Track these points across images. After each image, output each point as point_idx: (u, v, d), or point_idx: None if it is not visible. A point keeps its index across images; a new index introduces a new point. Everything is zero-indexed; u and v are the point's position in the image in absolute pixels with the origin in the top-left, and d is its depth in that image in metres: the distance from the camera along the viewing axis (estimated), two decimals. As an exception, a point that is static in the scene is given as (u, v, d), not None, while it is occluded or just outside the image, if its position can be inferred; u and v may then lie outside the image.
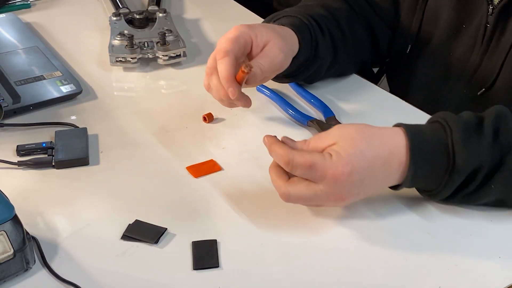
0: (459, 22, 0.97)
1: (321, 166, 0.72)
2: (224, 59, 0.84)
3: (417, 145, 0.74)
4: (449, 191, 0.76)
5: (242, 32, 0.86)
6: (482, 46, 0.94)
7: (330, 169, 0.72)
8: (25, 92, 1.03)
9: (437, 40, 1.01)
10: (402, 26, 1.06)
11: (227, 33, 0.87)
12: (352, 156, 0.72)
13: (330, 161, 0.72)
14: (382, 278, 0.72)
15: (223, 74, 0.84)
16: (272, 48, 0.87)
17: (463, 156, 0.73)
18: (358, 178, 0.73)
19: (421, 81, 1.06)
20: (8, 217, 0.69)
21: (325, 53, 0.98)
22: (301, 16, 0.97)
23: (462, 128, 0.74)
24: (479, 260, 0.74)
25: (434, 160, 0.74)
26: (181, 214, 0.81)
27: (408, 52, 1.06)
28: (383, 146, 0.74)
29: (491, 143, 0.74)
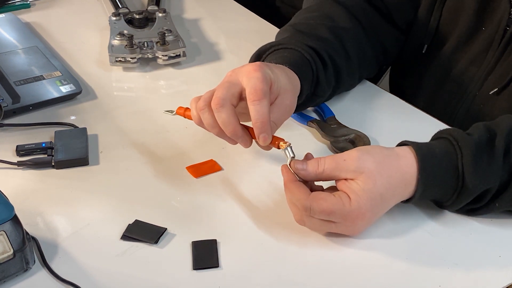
0: (479, 23, 0.96)
1: (340, 213, 0.73)
2: (263, 102, 0.76)
3: (427, 168, 0.74)
4: (455, 208, 0.78)
5: (266, 74, 0.78)
6: (498, 49, 0.94)
7: (350, 216, 0.73)
8: (25, 92, 1.03)
9: (454, 41, 1.00)
10: (418, 25, 1.05)
11: (249, 70, 0.78)
12: (371, 200, 0.73)
13: (349, 207, 0.72)
14: (382, 278, 0.72)
15: (262, 118, 0.76)
16: (284, 100, 0.81)
17: (473, 180, 0.73)
18: (373, 215, 0.75)
19: (433, 81, 1.05)
20: (8, 217, 0.69)
21: (324, 91, 0.95)
22: (302, 50, 0.91)
23: (473, 151, 0.74)
24: (479, 260, 0.74)
25: (443, 182, 0.75)
26: (181, 214, 0.81)
27: (424, 51, 1.05)
28: (396, 174, 0.74)
29: (501, 164, 0.74)
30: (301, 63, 0.90)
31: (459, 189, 0.75)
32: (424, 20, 1.03)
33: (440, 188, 0.75)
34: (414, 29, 1.06)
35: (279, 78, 0.81)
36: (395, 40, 1.07)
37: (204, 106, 0.79)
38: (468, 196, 0.75)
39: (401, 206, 0.81)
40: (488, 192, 0.75)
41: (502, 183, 0.74)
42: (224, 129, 0.78)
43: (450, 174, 0.74)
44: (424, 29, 1.03)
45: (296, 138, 0.84)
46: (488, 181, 0.74)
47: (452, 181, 0.75)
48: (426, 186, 0.75)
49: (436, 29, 1.02)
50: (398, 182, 0.74)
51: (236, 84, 0.78)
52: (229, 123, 0.77)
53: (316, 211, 0.73)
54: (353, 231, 0.75)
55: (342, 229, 0.75)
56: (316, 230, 0.77)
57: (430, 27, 1.02)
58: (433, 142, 0.77)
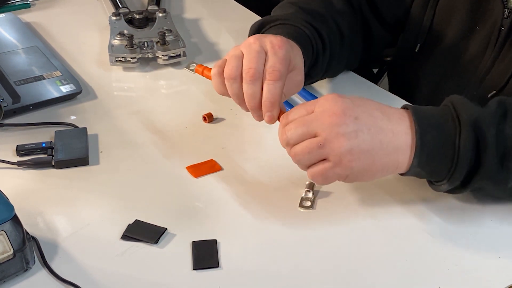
0: (473, 23, 0.96)
1: (312, 101, 0.75)
2: (277, 83, 0.78)
3: (418, 109, 0.75)
4: (467, 156, 0.73)
5: (288, 52, 0.80)
6: (494, 49, 0.94)
7: (322, 97, 0.75)
8: (25, 92, 1.03)
9: (448, 40, 1.00)
10: (412, 24, 1.05)
11: (275, 44, 0.80)
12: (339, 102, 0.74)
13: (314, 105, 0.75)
14: (382, 278, 0.72)
15: (273, 98, 0.78)
16: (297, 76, 0.84)
17: (465, 111, 0.73)
18: (350, 100, 0.74)
19: (429, 81, 1.05)
20: (8, 217, 0.69)
21: (317, 73, 0.96)
22: (306, 30, 0.92)
23: (462, 97, 0.76)
24: (479, 260, 0.74)
25: (439, 122, 0.74)
26: (181, 214, 0.81)
27: (417, 50, 1.05)
28: (378, 102, 0.76)
29: (495, 111, 0.74)
30: (304, 42, 0.91)
31: (458, 126, 0.73)
32: (418, 18, 1.03)
33: (438, 128, 0.74)
34: (408, 28, 1.06)
35: (296, 55, 0.83)
36: (381, 34, 1.08)
37: (235, 76, 0.79)
38: (468, 131, 0.72)
39: (401, 207, 0.81)
40: (483, 123, 0.73)
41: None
42: (248, 102, 0.79)
43: (444, 115, 0.75)
44: (417, 27, 1.04)
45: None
46: (483, 114, 0.74)
47: (448, 121, 0.74)
48: (421, 123, 0.73)
49: (429, 28, 1.02)
50: (382, 106, 0.76)
51: (263, 54, 0.79)
52: (254, 97, 0.79)
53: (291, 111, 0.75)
54: (334, 113, 0.73)
55: (323, 116, 0.73)
56: (298, 126, 0.75)
57: (423, 26, 1.03)
58: None
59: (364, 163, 0.73)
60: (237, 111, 1.00)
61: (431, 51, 1.03)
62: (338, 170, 0.74)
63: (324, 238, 0.77)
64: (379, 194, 0.83)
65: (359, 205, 0.82)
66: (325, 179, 0.75)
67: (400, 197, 0.82)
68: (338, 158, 0.73)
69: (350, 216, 0.80)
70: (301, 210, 0.81)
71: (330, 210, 0.81)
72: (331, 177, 0.75)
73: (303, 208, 0.81)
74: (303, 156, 0.75)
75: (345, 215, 0.80)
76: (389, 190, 0.83)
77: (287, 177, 0.86)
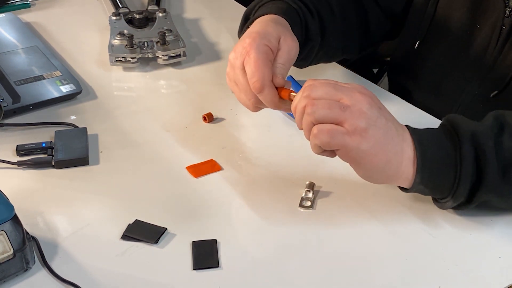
0: (473, 21, 0.96)
1: (342, 84, 0.75)
2: (264, 91, 0.81)
3: (416, 129, 0.76)
4: (469, 171, 0.73)
5: (260, 46, 0.83)
6: (496, 48, 0.94)
7: (351, 84, 0.75)
8: (25, 92, 1.03)
9: (448, 38, 1.00)
10: (411, 21, 1.05)
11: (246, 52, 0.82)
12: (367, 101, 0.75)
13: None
14: (382, 278, 0.72)
15: (268, 103, 0.82)
16: (285, 43, 0.85)
17: (461, 125, 0.75)
18: (375, 103, 0.74)
19: (429, 81, 1.05)
20: (8, 217, 0.69)
21: (315, 35, 0.97)
22: (289, 1, 0.95)
23: (459, 115, 0.77)
24: (479, 260, 0.74)
25: (438, 138, 0.75)
26: (181, 214, 0.81)
27: (416, 48, 1.05)
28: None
29: (493, 125, 0.75)
30: (287, 11, 0.93)
31: (457, 142, 0.74)
32: (418, 15, 1.03)
33: (437, 144, 0.75)
34: (408, 24, 1.06)
35: (272, 32, 0.85)
36: (378, 21, 1.07)
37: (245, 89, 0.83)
38: (468, 146, 0.73)
39: (401, 207, 0.81)
40: (481, 137, 0.74)
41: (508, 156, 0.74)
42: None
43: (442, 132, 0.76)
44: (417, 24, 1.04)
45: (296, 137, 0.84)
46: (480, 125, 0.75)
47: (447, 137, 0.75)
48: (420, 140, 0.74)
49: (429, 25, 1.02)
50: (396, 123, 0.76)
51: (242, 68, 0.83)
52: (271, 102, 0.82)
53: (317, 83, 0.75)
54: (361, 91, 0.74)
55: (351, 90, 0.74)
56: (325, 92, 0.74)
57: (423, 23, 1.02)
58: None
59: (371, 147, 0.73)
60: (237, 111, 1.00)
61: (431, 49, 1.03)
62: (346, 138, 0.72)
63: (324, 238, 0.77)
64: (379, 194, 0.83)
65: (359, 205, 0.82)
66: (330, 138, 0.72)
67: (400, 197, 0.82)
68: (353, 128, 0.72)
69: (350, 216, 0.80)
70: (301, 210, 0.81)
71: (330, 210, 0.81)
72: (337, 140, 0.72)
73: (303, 208, 0.81)
74: (322, 108, 0.73)
75: (345, 215, 0.80)
76: (389, 190, 0.83)
77: (287, 177, 0.86)
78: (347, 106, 0.72)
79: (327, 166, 0.87)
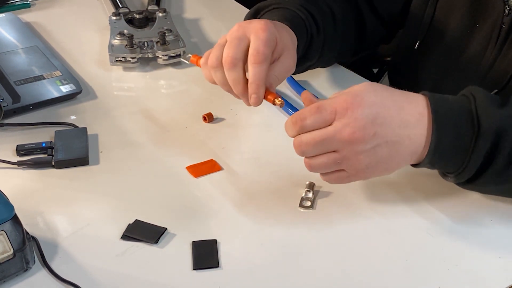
0: (473, 21, 0.96)
1: (329, 103, 0.73)
2: (262, 66, 0.79)
3: (439, 106, 0.74)
4: (478, 161, 0.73)
5: (272, 34, 0.82)
6: (495, 47, 0.94)
7: (339, 103, 0.72)
8: (25, 92, 1.03)
9: (448, 38, 1.00)
10: (411, 21, 1.05)
11: (258, 28, 0.81)
12: (362, 92, 0.73)
13: (338, 97, 0.73)
14: (382, 278, 0.72)
15: (258, 81, 0.79)
16: (287, 59, 0.85)
17: (487, 118, 0.72)
18: (369, 111, 0.72)
19: (429, 80, 1.05)
20: (8, 217, 0.69)
21: (314, 55, 0.97)
22: (299, 12, 0.94)
23: (486, 95, 0.75)
24: (479, 261, 0.74)
25: (458, 125, 0.73)
26: (181, 214, 0.81)
27: (416, 48, 1.05)
28: (400, 94, 0.75)
29: None
30: (298, 24, 0.92)
31: (476, 133, 0.72)
32: (418, 15, 1.03)
33: (456, 132, 0.73)
34: (408, 25, 1.06)
35: (283, 37, 0.84)
36: (374, 29, 1.07)
37: (216, 64, 0.82)
38: (485, 138, 0.72)
39: (401, 206, 0.81)
40: (504, 135, 0.72)
41: None
42: (233, 88, 0.81)
43: (464, 117, 0.73)
44: (417, 24, 1.04)
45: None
46: (504, 118, 0.72)
47: (468, 126, 0.73)
48: (440, 130, 0.72)
49: (429, 25, 1.02)
50: (402, 99, 0.74)
51: (244, 40, 0.81)
52: (238, 83, 0.81)
53: (304, 111, 0.73)
54: (353, 130, 0.71)
55: (341, 131, 0.72)
56: (312, 144, 0.73)
57: (423, 23, 1.02)
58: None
59: (379, 170, 0.76)
60: (237, 111, 1.00)
61: (431, 49, 1.03)
62: (353, 178, 0.77)
63: (324, 238, 0.77)
64: (379, 194, 0.83)
65: (359, 205, 0.82)
66: (339, 181, 0.78)
67: (400, 198, 0.82)
68: (355, 172, 0.75)
69: (350, 216, 0.80)
70: (301, 210, 0.81)
71: (330, 210, 0.81)
72: (345, 181, 0.77)
73: (303, 208, 0.81)
74: (319, 169, 0.76)
75: (345, 215, 0.80)
76: (389, 191, 0.83)
77: (287, 177, 0.86)
78: (342, 158, 0.73)
79: (327, 166, 0.87)
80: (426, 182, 0.84)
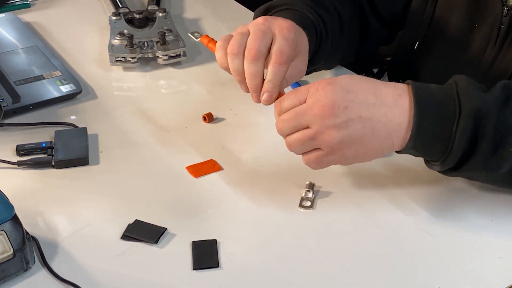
0: (472, 21, 0.96)
1: (305, 86, 0.76)
2: (283, 67, 0.80)
3: (421, 91, 0.75)
4: (462, 144, 0.73)
5: (296, 36, 0.82)
6: (495, 47, 0.94)
7: (313, 85, 0.75)
8: (25, 92, 1.03)
9: (447, 38, 1.00)
10: (411, 21, 1.05)
11: (284, 27, 0.81)
12: (338, 77, 0.75)
13: (314, 82, 0.76)
14: (382, 278, 0.72)
15: (275, 81, 0.80)
16: (300, 64, 0.85)
17: (469, 101, 0.73)
18: (340, 87, 0.74)
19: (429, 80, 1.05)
20: (8, 217, 0.69)
21: (320, 59, 0.97)
22: (312, 17, 0.93)
23: (469, 81, 0.76)
24: (479, 261, 0.74)
25: (439, 108, 0.74)
26: (181, 214, 0.81)
27: (415, 48, 1.05)
28: (379, 81, 0.76)
29: (499, 97, 0.74)
30: (310, 28, 0.91)
31: (458, 114, 0.73)
32: (417, 15, 1.03)
33: (438, 115, 0.73)
34: (407, 25, 1.06)
35: (302, 41, 0.85)
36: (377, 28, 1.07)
37: (237, 52, 0.81)
38: (468, 122, 0.72)
39: (401, 206, 0.81)
40: (487, 118, 0.72)
41: (509, 125, 0.73)
42: (248, 81, 0.81)
43: (446, 101, 0.74)
44: (416, 25, 1.04)
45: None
46: (486, 100, 0.73)
47: (449, 108, 0.73)
48: (420, 107, 0.73)
49: (428, 25, 1.02)
50: (377, 83, 0.75)
51: (269, 35, 0.81)
52: (255, 77, 0.80)
53: (284, 97, 0.76)
54: (324, 105, 0.73)
55: (313, 107, 0.73)
56: (290, 119, 0.76)
57: (422, 23, 1.03)
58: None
59: (356, 150, 0.75)
60: (237, 111, 1.00)
61: (431, 50, 1.03)
62: (331, 158, 0.76)
63: (324, 238, 0.77)
64: (379, 194, 0.83)
65: (359, 205, 0.82)
66: (319, 164, 0.78)
67: (400, 198, 0.82)
68: (330, 148, 0.75)
69: (350, 216, 0.80)
70: (301, 210, 0.81)
71: (330, 210, 0.81)
72: (325, 162, 0.77)
73: (303, 208, 0.81)
74: (296, 146, 0.77)
75: (345, 215, 0.80)
76: (389, 191, 0.83)
77: (287, 177, 0.86)
78: (315, 133, 0.74)
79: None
80: (426, 183, 0.84)
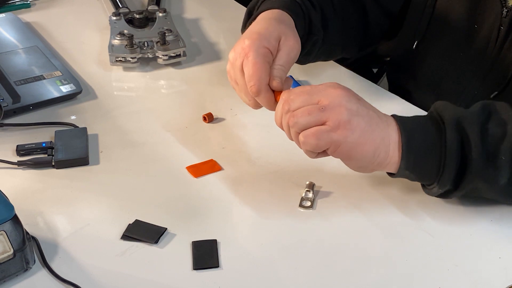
0: (471, 22, 0.96)
1: (316, 86, 0.77)
2: (261, 93, 0.81)
3: (404, 118, 0.78)
4: (453, 157, 0.74)
5: (258, 49, 0.82)
6: (495, 48, 0.94)
7: (324, 83, 0.77)
8: (25, 92, 1.03)
9: (446, 39, 1.00)
10: (409, 21, 1.05)
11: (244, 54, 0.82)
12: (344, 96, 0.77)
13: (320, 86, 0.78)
14: (382, 279, 0.72)
15: (264, 106, 0.83)
16: (287, 42, 0.85)
17: (447, 112, 0.76)
18: (353, 95, 0.76)
19: (428, 80, 1.05)
20: (8, 217, 0.69)
21: (318, 29, 0.97)
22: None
23: (444, 102, 0.79)
24: (479, 261, 0.74)
25: (424, 127, 0.76)
26: (181, 214, 0.81)
27: (414, 48, 1.05)
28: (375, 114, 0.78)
29: (479, 112, 0.76)
30: (291, 5, 0.93)
31: (442, 128, 0.75)
32: (416, 15, 1.03)
33: (423, 132, 0.76)
34: (406, 24, 1.06)
35: (278, 25, 0.85)
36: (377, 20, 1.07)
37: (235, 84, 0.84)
38: (452, 130, 0.74)
39: (401, 207, 0.81)
40: (466, 121, 0.75)
41: (499, 136, 0.75)
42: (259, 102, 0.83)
43: (428, 121, 0.77)
44: (416, 24, 1.04)
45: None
46: (466, 113, 0.76)
47: (432, 126, 0.76)
48: (405, 126, 0.76)
49: (427, 25, 1.02)
50: (377, 112, 0.78)
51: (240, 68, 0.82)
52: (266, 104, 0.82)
53: (294, 92, 0.77)
54: (337, 93, 0.75)
55: (326, 91, 0.76)
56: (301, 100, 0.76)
57: (422, 23, 1.03)
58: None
59: (358, 138, 0.74)
60: (237, 111, 1.00)
61: (430, 49, 1.03)
62: (332, 135, 0.74)
63: (324, 238, 0.77)
64: (379, 194, 0.83)
65: (359, 205, 0.82)
66: (317, 140, 0.74)
67: (400, 198, 0.82)
68: (336, 123, 0.74)
69: (350, 216, 0.80)
70: (301, 210, 0.81)
71: (330, 210, 0.81)
72: (324, 140, 0.74)
73: (303, 208, 0.81)
74: (302, 117, 0.75)
75: (345, 215, 0.80)
76: (389, 191, 0.83)
77: (287, 177, 0.86)
78: (325, 105, 0.74)
79: (327, 166, 0.87)
80: (426, 182, 0.84)
